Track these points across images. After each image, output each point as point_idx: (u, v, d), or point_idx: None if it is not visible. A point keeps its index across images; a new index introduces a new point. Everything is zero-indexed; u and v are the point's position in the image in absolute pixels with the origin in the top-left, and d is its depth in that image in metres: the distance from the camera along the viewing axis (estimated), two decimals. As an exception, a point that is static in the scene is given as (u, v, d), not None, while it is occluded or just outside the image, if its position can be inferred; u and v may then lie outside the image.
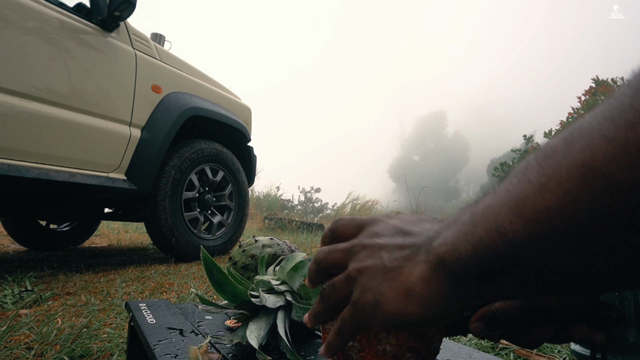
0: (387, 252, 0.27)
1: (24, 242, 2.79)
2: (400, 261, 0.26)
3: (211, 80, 2.62)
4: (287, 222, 5.59)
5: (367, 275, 0.27)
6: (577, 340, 0.28)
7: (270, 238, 0.74)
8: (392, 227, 0.30)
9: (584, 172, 0.17)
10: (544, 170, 0.19)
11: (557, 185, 0.18)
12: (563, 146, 0.18)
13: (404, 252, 0.26)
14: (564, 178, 0.17)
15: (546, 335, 0.27)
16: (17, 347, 0.89)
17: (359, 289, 0.28)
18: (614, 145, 0.16)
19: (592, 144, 0.17)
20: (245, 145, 2.82)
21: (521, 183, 0.19)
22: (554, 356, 0.88)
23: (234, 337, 0.49)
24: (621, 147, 0.16)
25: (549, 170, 0.18)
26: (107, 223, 4.70)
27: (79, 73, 1.75)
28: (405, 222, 0.30)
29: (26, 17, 1.56)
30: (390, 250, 0.27)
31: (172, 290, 1.53)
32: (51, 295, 1.44)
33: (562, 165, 0.18)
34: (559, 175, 0.18)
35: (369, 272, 0.27)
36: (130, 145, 1.97)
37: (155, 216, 2.09)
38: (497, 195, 0.21)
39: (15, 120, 1.51)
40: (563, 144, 0.19)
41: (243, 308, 0.52)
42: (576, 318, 0.28)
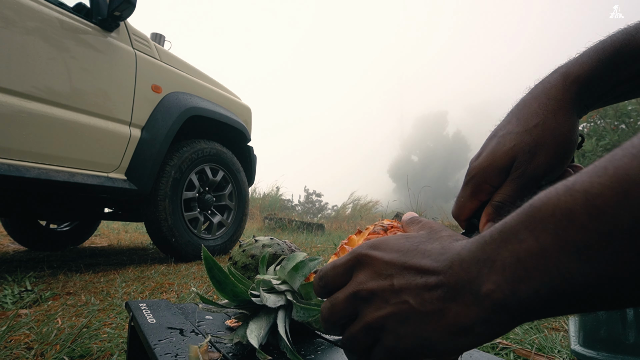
0: (411, 295, 0.27)
1: (24, 242, 2.79)
2: (437, 304, 0.26)
3: (211, 80, 2.62)
4: (287, 222, 5.59)
5: (395, 321, 0.27)
6: None
7: (270, 238, 0.74)
8: (389, 262, 0.29)
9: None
10: (598, 221, 0.20)
11: (622, 236, 0.19)
12: (613, 198, 0.19)
13: (435, 292, 0.26)
14: (627, 227, 0.19)
15: None
16: (17, 347, 0.89)
17: (390, 337, 0.28)
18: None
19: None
20: (245, 145, 2.82)
21: (571, 230, 0.20)
22: (553, 356, 0.88)
23: (234, 336, 0.49)
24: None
25: (607, 218, 0.19)
26: (107, 223, 4.70)
27: (79, 73, 1.75)
28: (401, 252, 0.29)
29: (26, 17, 1.56)
30: (415, 292, 0.27)
31: (172, 290, 1.53)
32: (51, 295, 1.44)
33: (619, 217, 0.19)
34: (621, 226, 0.19)
35: (397, 317, 0.27)
36: (130, 145, 1.97)
37: (155, 216, 2.09)
38: (544, 241, 0.21)
39: (15, 120, 1.51)
40: (611, 193, 0.19)
41: (243, 307, 0.52)
42: None
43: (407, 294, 0.27)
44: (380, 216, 7.62)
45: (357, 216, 7.87)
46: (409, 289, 0.27)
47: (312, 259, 0.53)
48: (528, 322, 1.10)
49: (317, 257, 0.53)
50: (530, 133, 0.38)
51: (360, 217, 7.81)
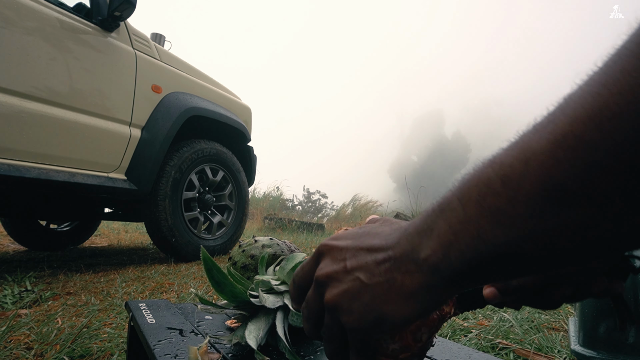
0: (362, 272, 0.29)
1: (24, 242, 2.79)
2: (385, 275, 0.28)
3: (211, 80, 2.62)
4: (287, 222, 5.59)
5: (348, 298, 0.29)
6: (598, 293, 0.32)
7: (270, 238, 0.74)
8: (343, 248, 0.31)
9: (548, 188, 0.21)
10: (507, 187, 0.22)
11: (525, 199, 0.22)
12: (519, 166, 0.22)
13: (384, 266, 0.28)
14: (528, 191, 0.22)
15: (566, 293, 0.31)
16: (17, 347, 0.89)
17: (345, 315, 0.29)
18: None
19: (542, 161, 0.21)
20: (245, 145, 2.82)
21: (488, 197, 0.23)
22: (553, 356, 0.88)
23: (232, 337, 0.49)
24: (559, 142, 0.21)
25: (513, 184, 0.22)
26: (107, 223, 4.70)
27: (79, 73, 1.75)
28: (355, 238, 0.31)
29: (26, 17, 1.56)
30: (365, 269, 0.29)
31: (172, 290, 1.53)
32: (51, 295, 1.44)
33: (522, 183, 0.22)
34: (524, 190, 0.22)
35: (349, 294, 0.29)
36: (130, 145, 1.97)
37: (155, 216, 2.09)
38: (468, 208, 0.24)
39: (15, 120, 1.51)
40: (518, 163, 0.22)
41: (242, 308, 0.52)
42: (596, 273, 0.30)
43: (359, 272, 0.29)
44: (380, 216, 7.60)
45: (357, 216, 7.88)
46: (360, 267, 0.29)
47: None
48: (528, 322, 1.10)
49: None
50: None
51: (360, 217, 7.81)
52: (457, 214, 0.25)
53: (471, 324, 1.12)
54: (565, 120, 0.21)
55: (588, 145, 0.20)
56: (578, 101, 0.21)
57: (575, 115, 0.21)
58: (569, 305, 1.32)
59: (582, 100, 0.21)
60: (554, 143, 0.21)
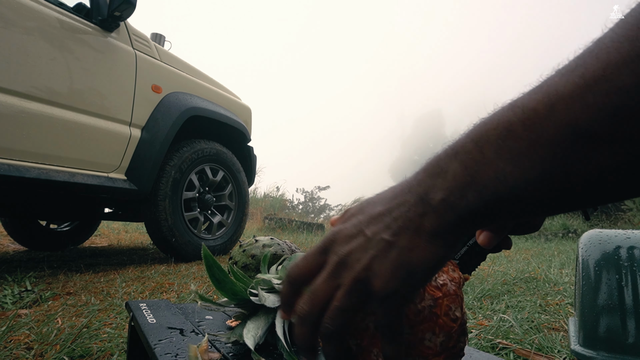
0: (384, 233, 0.28)
1: (24, 242, 2.79)
2: (405, 225, 0.27)
3: (211, 80, 2.62)
4: (287, 222, 5.59)
5: (379, 261, 0.28)
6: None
7: (270, 238, 0.74)
8: (356, 224, 0.30)
9: (568, 132, 0.21)
10: (529, 130, 0.23)
11: (548, 143, 0.22)
12: (543, 110, 0.22)
13: (401, 219, 0.28)
14: (552, 134, 0.22)
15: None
16: (17, 347, 0.89)
17: (378, 280, 0.27)
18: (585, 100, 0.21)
19: (570, 105, 0.21)
20: (245, 145, 2.82)
21: (509, 139, 0.23)
22: (553, 356, 0.88)
23: (231, 335, 0.49)
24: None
25: (536, 127, 0.22)
26: (107, 223, 4.70)
27: (79, 73, 1.75)
28: (362, 213, 0.30)
29: (26, 17, 1.56)
30: (386, 229, 0.28)
31: (172, 290, 1.53)
32: (51, 295, 1.44)
33: (546, 127, 0.22)
34: (548, 134, 0.22)
35: (379, 257, 0.28)
36: (130, 145, 1.97)
37: (155, 216, 2.09)
38: (486, 151, 0.24)
39: (15, 120, 1.51)
40: (542, 107, 0.22)
41: (242, 307, 0.52)
42: None
43: (380, 233, 0.28)
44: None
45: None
46: (381, 230, 0.28)
47: None
48: (528, 323, 1.10)
49: None
50: None
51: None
52: (473, 155, 0.25)
53: (471, 323, 1.12)
54: (598, 65, 0.21)
55: (621, 90, 0.19)
56: (612, 45, 0.21)
57: (610, 59, 0.20)
58: (569, 305, 1.32)
59: (617, 45, 0.20)
60: (583, 87, 0.21)
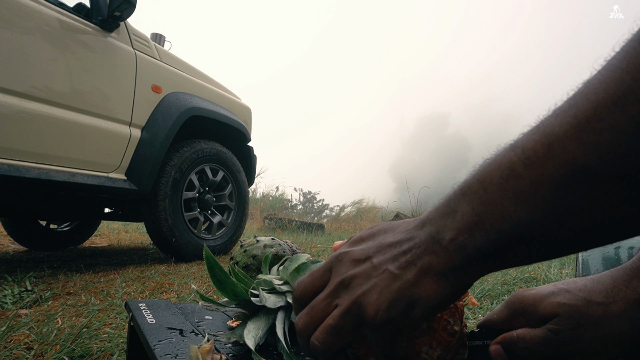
0: (389, 264, 0.28)
1: (24, 242, 2.79)
2: (413, 261, 0.28)
3: (211, 80, 2.62)
4: (287, 222, 5.59)
5: (378, 290, 0.28)
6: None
7: (271, 238, 0.74)
8: (365, 249, 0.30)
9: (571, 171, 0.22)
10: (530, 170, 0.23)
11: (549, 181, 0.22)
12: (541, 150, 0.23)
13: (410, 254, 0.28)
14: (552, 173, 0.22)
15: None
16: (17, 347, 0.89)
17: (376, 308, 0.28)
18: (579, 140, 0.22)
19: (566, 148, 0.22)
20: (245, 145, 2.82)
21: (511, 179, 0.24)
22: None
23: (231, 335, 0.49)
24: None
25: (536, 167, 0.23)
26: (107, 223, 4.70)
27: (79, 73, 1.75)
28: (373, 239, 0.31)
29: (26, 17, 1.56)
30: (392, 261, 0.28)
31: (172, 290, 1.53)
32: (51, 295, 1.44)
33: (546, 166, 0.23)
34: (547, 172, 0.22)
35: (380, 286, 0.28)
36: (130, 146, 1.97)
37: (155, 216, 2.09)
38: (491, 191, 0.25)
39: (15, 120, 1.51)
40: (540, 146, 0.23)
41: (243, 307, 0.52)
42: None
43: (387, 264, 0.28)
44: (381, 217, 7.62)
45: (357, 217, 7.88)
46: (387, 260, 0.29)
47: (315, 261, 0.54)
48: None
49: (320, 260, 0.53)
50: (589, 308, 0.36)
51: (360, 217, 7.81)
52: (479, 196, 0.26)
53: (471, 324, 1.12)
54: (589, 105, 0.21)
55: (613, 128, 0.20)
56: (600, 86, 0.21)
57: (598, 100, 0.21)
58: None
59: (605, 86, 0.21)
60: (577, 127, 0.22)
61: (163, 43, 2.73)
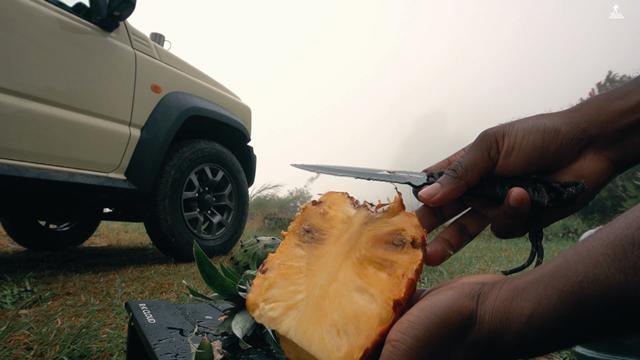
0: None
1: (24, 242, 2.79)
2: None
3: (211, 80, 2.62)
4: (287, 222, 5.59)
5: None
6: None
7: (272, 238, 0.74)
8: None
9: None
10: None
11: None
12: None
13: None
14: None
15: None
16: (17, 347, 0.89)
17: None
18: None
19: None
20: (245, 145, 2.82)
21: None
22: (553, 356, 0.88)
23: (220, 327, 0.52)
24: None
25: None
26: (107, 223, 4.70)
27: (79, 73, 1.75)
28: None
29: (26, 17, 1.56)
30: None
31: (172, 290, 1.53)
32: (51, 295, 1.44)
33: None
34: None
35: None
36: (129, 145, 1.96)
37: (155, 216, 2.09)
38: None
39: (15, 120, 1.51)
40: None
41: (232, 301, 0.55)
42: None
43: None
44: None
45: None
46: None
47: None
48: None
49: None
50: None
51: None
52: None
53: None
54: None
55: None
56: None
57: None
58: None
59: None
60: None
61: (163, 43, 2.72)
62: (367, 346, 0.28)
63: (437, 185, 0.39)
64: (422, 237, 0.32)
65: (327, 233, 0.37)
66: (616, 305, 0.21)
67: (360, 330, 0.29)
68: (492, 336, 0.26)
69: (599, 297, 0.22)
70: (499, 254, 3.10)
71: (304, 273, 0.35)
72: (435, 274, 1.97)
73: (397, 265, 0.31)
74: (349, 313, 0.30)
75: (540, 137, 0.35)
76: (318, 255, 0.36)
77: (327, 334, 0.30)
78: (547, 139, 0.35)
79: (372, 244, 0.34)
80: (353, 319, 0.30)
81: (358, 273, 0.32)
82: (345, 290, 0.32)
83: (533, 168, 0.36)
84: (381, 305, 0.29)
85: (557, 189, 0.35)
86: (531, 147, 0.36)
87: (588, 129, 0.35)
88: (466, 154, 0.38)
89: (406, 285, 0.29)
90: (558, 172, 0.37)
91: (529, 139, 0.36)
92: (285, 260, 0.37)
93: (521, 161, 0.36)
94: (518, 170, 0.37)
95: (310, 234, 0.38)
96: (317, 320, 0.31)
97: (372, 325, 0.29)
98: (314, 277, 0.34)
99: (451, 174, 0.38)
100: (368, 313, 0.29)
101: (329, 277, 0.33)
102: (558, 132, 0.35)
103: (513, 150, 0.36)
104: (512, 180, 0.38)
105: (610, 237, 0.23)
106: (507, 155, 0.37)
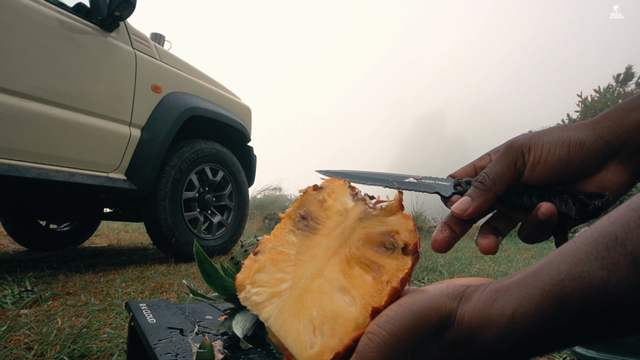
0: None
1: (24, 242, 2.79)
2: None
3: (211, 80, 2.62)
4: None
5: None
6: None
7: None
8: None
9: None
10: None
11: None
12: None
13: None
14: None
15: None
16: (17, 347, 0.89)
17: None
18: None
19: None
20: (245, 145, 2.82)
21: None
22: (553, 356, 0.88)
23: (220, 327, 0.52)
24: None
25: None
26: (107, 223, 4.70)
27: (79, 73, 1.75)
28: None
29: (26, 17, 1.56)
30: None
31: (172, 290, 1.53)
32: (51, 295, 1.44)
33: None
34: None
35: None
36: (130, 145, 1.97)
37: (155, 216, 2.09)
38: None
39: (15, 120, 1.51)
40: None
41: (232, 301, 0.55)
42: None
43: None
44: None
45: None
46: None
47: None
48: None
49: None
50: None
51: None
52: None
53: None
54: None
55: None
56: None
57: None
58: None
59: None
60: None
61: (163, 43, 2.73)
62: (339, 349, 0.28)
63: (467, 199, 0.40)
64: (414, 244, 0.32)
65: (322, 223, 0.37)
66: (598, 303, 0.21)
67: (335, 332, 0.29)
68: (470, 336, 0.26)
69: (580, 295, 0.22)
70: (500, 254, 3.10)
71: (293, 262, 0.35)
72: (435, 274, 1.98)
73: (384, 270, 0.31)
74: (327, 312, 0.31)
75: (566, 150, 0.36)
76: (309, 246, 0.36)
77: (303, 329, 0.31)
78: (573, 152, 0.36)
79: (363, 242, 0.34)
80: (330, 319, 0.30)
81: (344, 272, 0.32)
82: (328, 288, 0.32)
83: (557, 179, 0.38)
84: (359, 310, 0.29)
85: (582, 201, 0.36)
86: (557, 160, 0.37)
87: (611, 142, 0.35)
88: (493, 165, 0.39)
89: (388, 294, 0.29)
90: (581, 182, 0.38)
91: (554, 152, 0.37)
92: (277, 244, 0.37)
93: (547, 173, 0.37)
94: (543, 180, 0.38)
95: (305, 221, 0.38)
96: (297, 313, 0.32)
97: (347, 329, 0.29)
98: (302, 268, 0.34)
99: (479, 186, 0.39)
100: (345, 316, 0.30)
101: (315, 271, 0.34)
102: (583, 145, 0.36)
103: (539, 163, 0.37)
104: (539, 191, 0.39)
105: (594, 235, 0.23)
106: (533, 167, 0.38)
